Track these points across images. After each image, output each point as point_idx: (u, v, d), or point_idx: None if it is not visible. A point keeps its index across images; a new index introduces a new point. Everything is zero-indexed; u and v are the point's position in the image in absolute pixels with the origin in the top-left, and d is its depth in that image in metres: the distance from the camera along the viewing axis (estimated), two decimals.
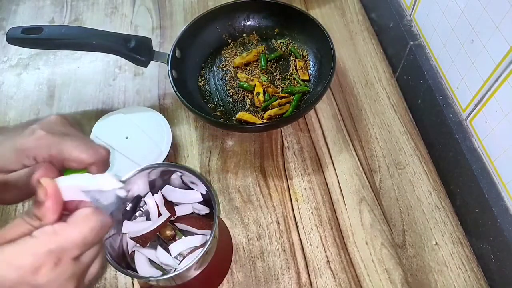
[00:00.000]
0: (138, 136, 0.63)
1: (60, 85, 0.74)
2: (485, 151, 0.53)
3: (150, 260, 0.49)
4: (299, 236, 0.57)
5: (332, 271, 0.54)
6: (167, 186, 0.50)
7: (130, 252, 0.49)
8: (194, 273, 0.45)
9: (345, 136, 0.65)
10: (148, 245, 0.50)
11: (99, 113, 0.69)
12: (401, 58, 0.69)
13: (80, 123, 0.68)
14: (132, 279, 0.54)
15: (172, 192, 0.50)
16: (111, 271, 0.55)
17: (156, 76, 0.74)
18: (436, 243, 0.55)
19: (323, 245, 0.56)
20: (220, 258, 0.51)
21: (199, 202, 0.51)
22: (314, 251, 0.55)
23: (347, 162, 0.63)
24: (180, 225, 0.50)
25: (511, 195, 0.49)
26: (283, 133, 0.66)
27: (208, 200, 0.50)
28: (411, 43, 0.65)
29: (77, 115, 0.70)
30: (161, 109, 0.70)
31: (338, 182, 0.61)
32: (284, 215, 0.58)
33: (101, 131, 0.64)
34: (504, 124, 0.48)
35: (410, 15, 0.67)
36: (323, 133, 0.65)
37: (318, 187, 0.60)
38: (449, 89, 0.59)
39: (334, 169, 0.62)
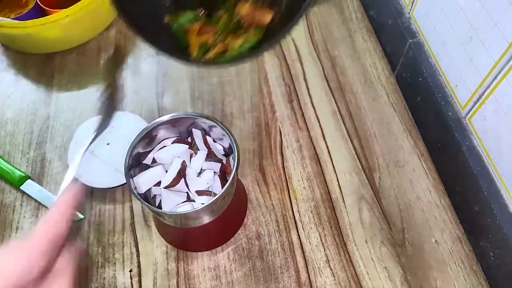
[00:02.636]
0: (119, 142, 0.61)
1: (58, 84, 0.74)
2: (484, 149, 0.52)
3: None
4: (299, 235, 0.57)
5: (331, 269, 0.54)
6: (193, 129, 0.53)
7: (152, 196, 0.52)
8: (208, 218, 0.49)
9: (344, 134, 0.65)
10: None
11: (97, 113, 0.69)
12: (400, 56, 0.68)
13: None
14: (131, 279, 0.54)
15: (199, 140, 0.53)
16: (109, 271, 0.55)
17: (154, 74, 0.74)
18: (436, 241, 0.55)
19: (323, 244, 0.56)
20: (234, 210, 0.55)
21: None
22: (313, 250, 0.55)
23: (346, 160, 0.62)
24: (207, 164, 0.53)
25: (510, 193, 0.49)
26: (282, 132, 0.66)
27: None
28: (410, 40, 0.65)
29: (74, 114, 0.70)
30: (159, 108, 0.69)
31: (337, 180, 0.61)
32: (283, 214, 0.58)
33: (82, 137, 0.63)
34: (503, 121, 0.48)
35: (409, 13, 0.67)
36: (322, 132, 0.65)
37: (317, 186, 0.60)
38: (448, 87, 0.59)
39: (333, 168, 0.62)
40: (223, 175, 0.52)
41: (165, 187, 0.50)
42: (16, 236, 0.58)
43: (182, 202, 0.50)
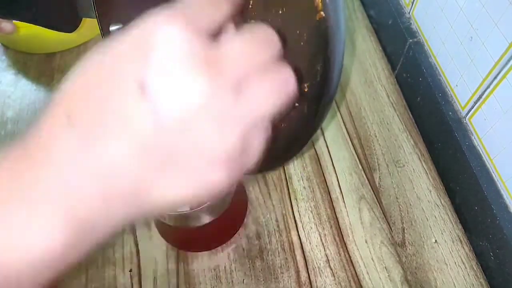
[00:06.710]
0: None
1: (58, 84, 0.74)
2: (485, 149, 0.53)
3: None
4: (299, 235, 0.57)
5: (331, 269, 0.54)
6: None
7: None
8: (208, 218, 0.49)
9: (344, 134, 0.65)
10: None
11: None
12: (400, 56, 0.68)
13: None
14: (131, 279, 0.54)
15: None
16: (109, 270, 0.55)
17: None
18: (436, 241, 0.55)
19: (323, 244, 0.56)
20: (234, 210, 0.55)
21: None
22: (313, 249, 0.55)
23: (346, 160, 0.62)
24: None
25: (510, 193, 0.49)
26: None
27: None
28: (410, 40, 0.65)
29: None
30: None
31: (338, 180, 0.61)
32: (283, 214, 0.58)
33: None
34: (503, 121, 0.48)
35: (409, 13, 0.67)
36: (322, 131, 0.65)
37: (317, 186, 0.60)
38: (448, 87, 0.59)
39: (333, 168, 0.62)
40: None
41: None
42: None
43: None
